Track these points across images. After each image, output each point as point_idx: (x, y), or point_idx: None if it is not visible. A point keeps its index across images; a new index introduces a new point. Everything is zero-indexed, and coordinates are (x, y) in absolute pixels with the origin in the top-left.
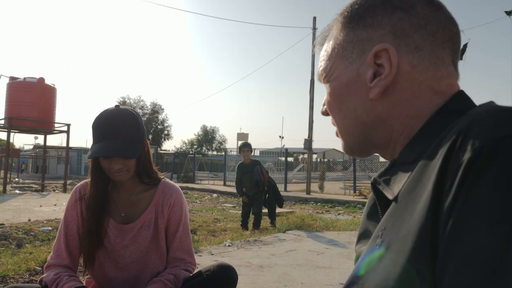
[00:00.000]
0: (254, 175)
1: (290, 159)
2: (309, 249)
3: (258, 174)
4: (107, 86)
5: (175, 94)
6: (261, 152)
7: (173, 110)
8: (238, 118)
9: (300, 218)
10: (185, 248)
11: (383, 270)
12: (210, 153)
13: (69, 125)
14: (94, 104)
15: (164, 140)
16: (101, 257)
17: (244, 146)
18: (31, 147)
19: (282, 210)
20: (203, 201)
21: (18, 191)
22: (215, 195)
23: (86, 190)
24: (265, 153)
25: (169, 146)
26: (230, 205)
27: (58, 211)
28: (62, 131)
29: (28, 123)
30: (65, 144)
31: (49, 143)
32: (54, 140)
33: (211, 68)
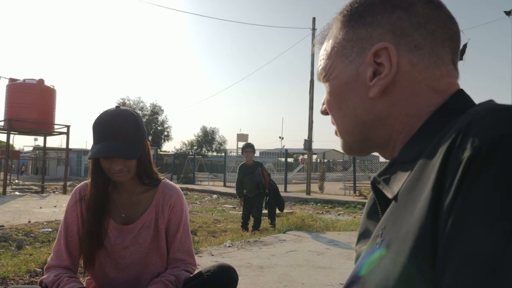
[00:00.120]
0: (255, 177)
1: (290, 160)
2: (309, 249)
3: (259, 176)
4: (107, 87)
5: (175, 95)
6: (261, 153)
7: (172, 111)
8: (238, 119)
9: (300, 218)
10: (185, 248)
11: (384, 269)
12: (210, 154)
13: (68, 126)
14: (94, 105)
15: (164, 141)
16: (101, 258)
17: (247, 147)
18: (31, 149)
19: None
20: (203, 202)
21: (18, 193)
22: (215, 196)
23: (86, 191)
24: (265, 153)
25: (169, 147)
26: (230, 206)
27: (58, 213)
28: (61, 133)
29: (27, 125)
30: (64, 145)
31: (48, 145)
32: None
33: (211, 69)
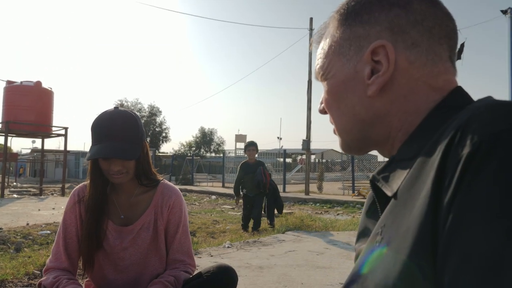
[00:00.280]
0: (256, 175)
1: (288, 160)
2: (308, 249)
3: (260, 175)
4: (104, 89)
5: (173, 96)
6: (259, 153)
7: (171, 112)
8: (236, 119)
9: (299, 218)
10: (184, 249)
11: (384, 267)
12: (208, 155)
13: (66, 128)
14: (92, 107)
15: (162, 142)
16: (100, 259)
17: (250, 145)
18: (29, 151)
19: None
20: (202, 203)
21: (16, 195)
22: (214, 197)
23: (84, 193)
24: (263, 154)
25: (167, 148)
26: (229, 206)
27: (57, 215)
28: (59, 135)
29: (25, 127)
30: (62, 147)
31: (46, 147)
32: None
33: (209, 69)
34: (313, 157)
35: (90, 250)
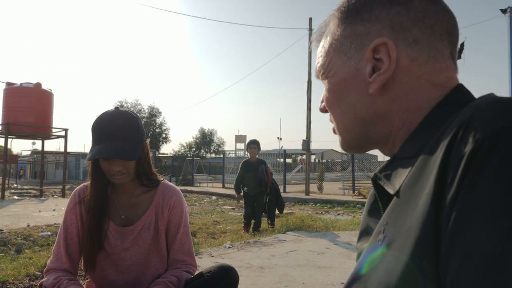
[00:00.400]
0: (258, 173)
1: (288, 161)
2: (309, 249)
3: (262, 173)
4: (104, 91)
5: (173, 97)
6: (259, 153)
7: (170, 113)
8: (236, 120)
9: (299, 219)
10: (185, 249)
11: (386, 266)
12: (208, 155)
13: (66, 130)
14: (91, 108)
15: (162, 143)
16: (101, 260)
17: (251, 143)
18: (29, 153)
19: None
20: (202, 203)
21: (16, 197)
22: (214, 198)
23: (85, 193)
24: (263, 154)
25: (167, 149)
26: (229, 207)
27: (57, 216)
28: (59, 136)
29: (25, 129)
30: (63, 149)
31: (46, 148)
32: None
33: (208, 70)
34: (313, 157)
35: (91, 251)
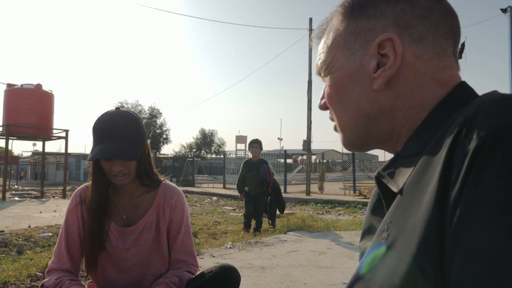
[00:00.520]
0: (260, 173)
1: (289, 161)
2: (310, 249)
3: (264, 173)
4: (105, 91)
5: (173, 97)
6: (260, 154)
7: (171, 114)
8: (237, 120)
9: (300, 219)
10: (187, 249)
11: (390, 265)
12: (209, 156)
13: (67, 131)
14: (92, 109)
15: (162, 144)
16: (102, 260)
17: (253, 142)
18: (30, 154)
19: None
20: (203, 204)
21: (17, 198)
22: (215, 198)
23: (86, 194)
24: (264, 155)
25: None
26: (230, 207)
27: (58, 217)
28: (60, 137)
29: (26, 130)
30: (63, 150)
31: (47, 150)
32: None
33: (208, 71)
34: (313, 157)
35: (93, 251)
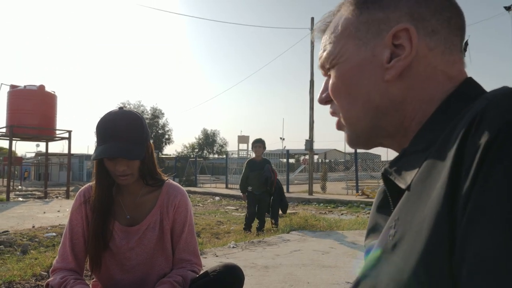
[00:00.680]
0: (265, 172)
1: (291, 161)
2: (313, 249)
3: (268, 172)
4: (107, 92)
5: (175, 98)
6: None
7: (173, 114)
8: (239, 120)
9: (303, 218)
10: (191, 249)
11: (397, 261)
12: (211, 156)
13: (70, 131)
14: (95, 110)
15: (165, 144)
16: (107, 260)
17: (256, 142)
18: (33, 155)
19: None
20: (206, 204)
21: (21, 199)
22: (218, 198)
23: (90, 193)
24: (266, 155)
25: (170, 150)
26: (233, 207)
27: (62, 217)
28: (63, 138)
29: (29, 131)
30: (66, 150)
31: (50, 150)
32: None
33: (210, 71)
34: (316, 157)
35: (97, 251)
